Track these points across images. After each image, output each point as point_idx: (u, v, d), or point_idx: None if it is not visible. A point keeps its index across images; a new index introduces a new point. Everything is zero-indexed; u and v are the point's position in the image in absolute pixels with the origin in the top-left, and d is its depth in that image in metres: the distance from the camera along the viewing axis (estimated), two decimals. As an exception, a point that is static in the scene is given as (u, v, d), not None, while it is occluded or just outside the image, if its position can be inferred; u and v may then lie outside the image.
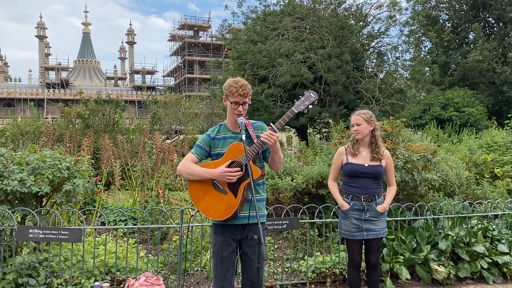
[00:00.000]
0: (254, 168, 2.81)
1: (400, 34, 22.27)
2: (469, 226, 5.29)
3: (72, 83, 62.32)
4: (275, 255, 5.34)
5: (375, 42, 22.85)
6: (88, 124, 14.52)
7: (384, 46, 22.60)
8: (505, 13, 23.83)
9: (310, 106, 2.91)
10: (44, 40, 76.63)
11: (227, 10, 28.57)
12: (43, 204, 4.75)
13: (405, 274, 4.68)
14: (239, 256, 2.96)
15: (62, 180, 4.51)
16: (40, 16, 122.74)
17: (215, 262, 2.96)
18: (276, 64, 19.79)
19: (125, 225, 5.65)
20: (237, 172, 2.78)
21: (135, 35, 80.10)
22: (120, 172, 7.89)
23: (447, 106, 17.67)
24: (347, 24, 21.49)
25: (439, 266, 4.77)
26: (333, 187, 3.89)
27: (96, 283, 4.16)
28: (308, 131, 22.19)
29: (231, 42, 23.25)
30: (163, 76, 66.42)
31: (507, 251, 5.13)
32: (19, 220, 4.47)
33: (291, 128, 25.36)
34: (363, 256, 3.93)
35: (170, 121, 24.15)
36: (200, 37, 58.69)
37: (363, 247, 3.85)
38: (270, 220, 4.49)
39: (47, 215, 4.78)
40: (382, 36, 22.17)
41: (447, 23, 27.60)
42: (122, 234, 6.22)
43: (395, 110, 19.64)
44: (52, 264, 4.28)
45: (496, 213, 5.65)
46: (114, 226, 5.54)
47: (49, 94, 57.31)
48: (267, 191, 5.72)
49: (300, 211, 4.89)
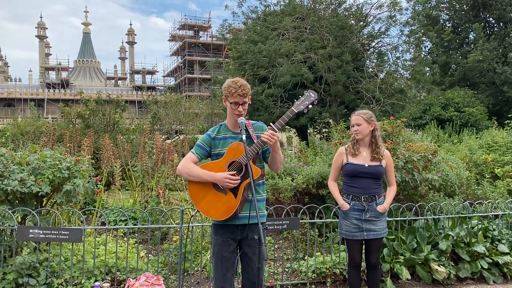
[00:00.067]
0: (254, 168, 2.81)
1: (400, 34, 22.30)
2: (469, 226, 5.28)
3: (72, 83, 62.31)
4: (276, 255, 5.34)
5: (376, 42, 22.85)
6: (88, 124, 14.53)
7: (384, 46, 22.62)
8: (505, 13, 23.83)
9: (310, 106, 2.91)
10: (44, 40, 76.66)
11: (228, 10, 28.58)
12: (43, 204, 4.75)
13: (405, 274, 4.68)
14: (239, 256, 2.96)
15: (62, 180, 4.51)
16: (41, 16, 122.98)
17: (215, 263, 2.95)
18: (276, 64, 19.78)
19: (125, 225, 5.64)
20: (236, 180, 2.78)
21: (135, 35, 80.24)
22: (120, 172, 7.90)
23: (448, 106, 17.68)
24: (348, 24, 21.49)
25: (439, 266, 4.77)
26: (333, 187, 3.89)
27: (97, 283, 4.16)
28: (308, 131, 22.22)
29: (231, 42, 23.24)
30: (163, 76, 66.54)
31: (507, 251, 5.13)
32: (20, 220, 4.47)
33: (291, 128, 25.36)
34: (363, 256, 3.93)
35: (170, 121, 24.18)
36: (201, 37, 58.71)
37: (364, 247, 3.85)
38: (271, 220, 4.49)
39: (48, 215, 4.78)
40: (383, 36, 22.18)
41: (447, 23, 27.61)
42: (122, 234, 6.23)
43: (395, 110, 19.65)
44: (53, 264, 4.28)
45: (496, 213, 5.65)
46: (115, 226, 5.55)
47: (49, 94, 57.32)
48: (267, 191, 5.72)
49: (301, 211, 4.89)
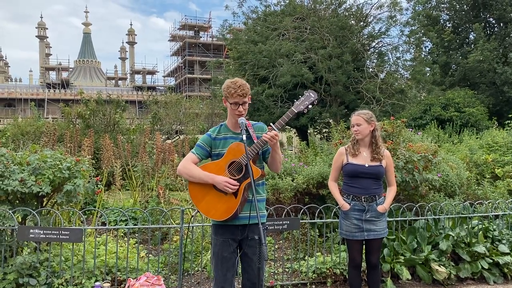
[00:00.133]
0: (255, 168, 2.81)
1: (400, 34, 22.33)
2: (469, 226, 5.28)
3: (72, 83, 62.32)
4: (276, 256, 5.35)
5: (376, 42, 22.86)
6: (88, 124, 14.54)
7: (384, 46, 22.64)
8: (505, 13, 23.82)
9: (310, 106, 2.91)
10: (45, 40, 76.72)
11: (228, 10, 28.54)
12: (43, 204, 4.76)
13: (405, 274, 4.68)
14: (240, 256, 2.95)
15: (62, 180, 4.51)
16: (41, 16, 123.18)
17: (215, 263, 2.95)
18: (276, 64, 19.79)
19: (125, 225, 5.63)
20: (234, 186, 2.78)
21: (136, 35, 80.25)
22: (120, 172, 7.90)
23: (448, 106, 17.69)
24: (348, 24, 21.51)
25: (439, 267, 4.77)
26: (333, 188, 3.89)
27: (97, 283, 4.16)
28: (308, 131, 22.22)
29: (231, 42, 23.26)
30: (164, 76, 66.48)
31: (507, 251, 5.13)
32: (20, 220, 4.47)
33: (291, 128, 25.37)
34: (363, 256, 3.93)
35: (171, 121, 24.19)
36: (201, 37, 58.72)
37: (364, 247, 3.85)
38: (271, 220, 4.49)
39: (48, 215, 4.79)
40: (383, 36, 22.21)
41: (447, 23, 27.61)
42: (122, 234, 6.23)
43: (395, 110, 19.65)
44: (53, 264, 4.28)
45: (497, 213, 5.64)
46: (115, 226, 5.54)
47: (49, 94, 57.34)
48: (268, 192, 5.72)
49: (301, 211, 4.88)
